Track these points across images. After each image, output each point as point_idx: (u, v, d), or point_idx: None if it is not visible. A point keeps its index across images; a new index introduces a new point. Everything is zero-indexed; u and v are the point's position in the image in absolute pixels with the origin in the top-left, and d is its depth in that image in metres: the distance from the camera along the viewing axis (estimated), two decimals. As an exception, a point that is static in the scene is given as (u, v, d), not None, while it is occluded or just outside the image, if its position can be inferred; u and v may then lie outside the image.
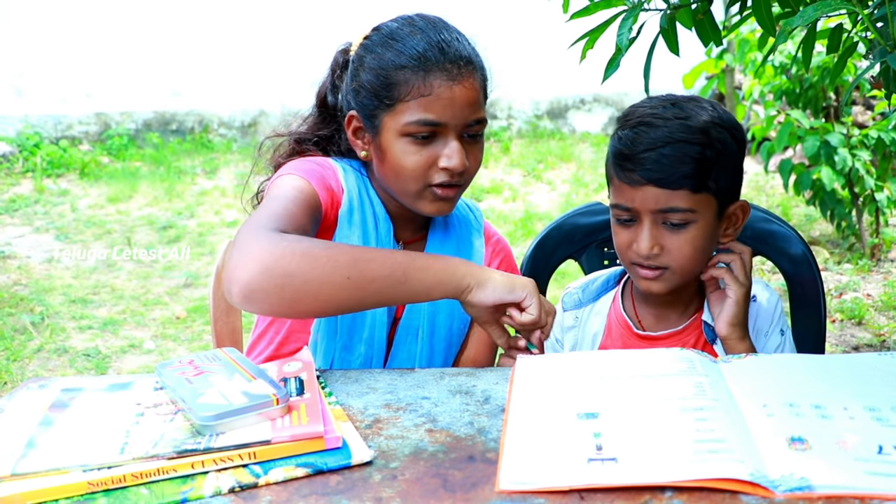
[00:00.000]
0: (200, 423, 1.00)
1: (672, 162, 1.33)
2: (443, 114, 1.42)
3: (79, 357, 3.86)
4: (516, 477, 0.94)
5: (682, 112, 1.37)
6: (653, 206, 1.36)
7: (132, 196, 6.41)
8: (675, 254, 1.38)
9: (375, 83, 1.45)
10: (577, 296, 1.60)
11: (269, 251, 1.20)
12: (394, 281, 1.25)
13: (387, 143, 1.46)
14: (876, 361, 1.25)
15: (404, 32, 1.46)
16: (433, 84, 1.41)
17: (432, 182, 1.46)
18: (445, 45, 1.44)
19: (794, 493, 0.90)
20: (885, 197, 4.51)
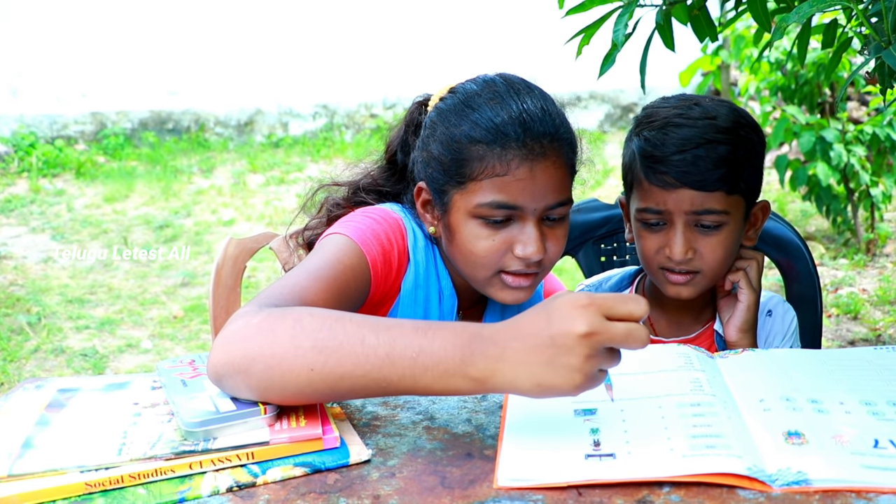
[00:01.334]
0: (185, 430, 1.00)
1: (707, 163, 1.30)
2: (520, 197, 1.27)
3: (76, 357, 3.86)
4: (514, 474, 0.95)
5: (708, 112, 1.34)
6: (688, 209, 1.32)
7: (128, 195, 6.41)
8: (708, 257, 1.35)
9: (446, 156, 1.32)
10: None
11: (237, 329, 1.02)
12: (370, 383, 0.97)
13: (456, 222, 1.33)
14: (871, 356, 1.25)
15: (482, 100, 1.32)
16: (510, 164, 1.26)
17: (506, 269, 1.32)
18: (528, 118, 1.28)
19: (792, 488, 0.90)
20: (880, 192, 4.52)
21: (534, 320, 0.94)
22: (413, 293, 1.39)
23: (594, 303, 0.92)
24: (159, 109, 7.65)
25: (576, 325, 0.90)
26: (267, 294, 1.12)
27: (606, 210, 1.78)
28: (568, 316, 0.91)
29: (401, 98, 7.53)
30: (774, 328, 1.48)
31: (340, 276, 1.24)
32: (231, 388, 1.03)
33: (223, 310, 1.75)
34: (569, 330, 0.90)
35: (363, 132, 7.80)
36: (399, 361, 0.95)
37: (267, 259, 4.45)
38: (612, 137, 7.43)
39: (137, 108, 7.63)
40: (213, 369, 1.03)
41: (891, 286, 4.24)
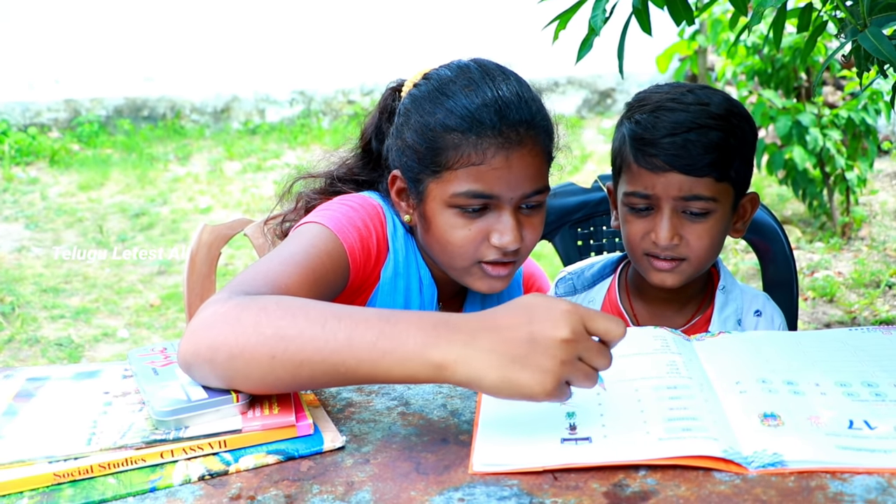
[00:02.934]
0: (156, 419, 0.98)
1: (698, 148, 1.28)
2: (496, 186, 1.25)
3: (51, 347, 3.82)
4: (489, 459, 0.94)
5: (701, 99, 1.33)
6: (675, 194, 1.31)
7: (104, 183, 6.34)
8: (694, 244, 1.34)
9: (420, 145, 1.29)
10: (571, 282, 1.54)
11: (204, 318, 1.00)
12: (329, 369, 0.94)
13: (432, 212, 1.30)
14: (846, 337, 1.26)
15: (457, 86, 1.29)
16: (486, 152, 1.24)
17: (483, 258, 1.30)
18: (503, 106, 1.25)
19: (767, 469, 0.90)
20: (855, 176, 4.55)
21: (513, 314, 0.92)
22: (392, 282, 1.37)
23: (578, 311, 0.91)
24: (134, 96, 7.58)
25: (559, 328, 0.89)
26: (239, 281, 1.09)
27: (583, 194, 1.77)
28: (552, 318, 0.89)
29: (378, 84, 7.49)
30: (761, 327, 1.47)
31: (316, 262, 1.21)
32: (199, 377, 1.02)
33: (198, 297, 1.73)
34: (551, 331, 0.89)
35: (340, 119, 7.76)
36: (358, 346, 0.93)
37: (244, 246, 4.42)
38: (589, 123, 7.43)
39: (112, 94, 7.55)
40: (181, 358, 1.02)
41: (866, 269, 4.28)
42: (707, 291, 1.49)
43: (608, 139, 6.94)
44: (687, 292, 1.46)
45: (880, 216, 5.06)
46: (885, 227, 4.90)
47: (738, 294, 1.48)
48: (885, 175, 5.72)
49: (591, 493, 0.87)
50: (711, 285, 1.50)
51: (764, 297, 1.50)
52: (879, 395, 1.06)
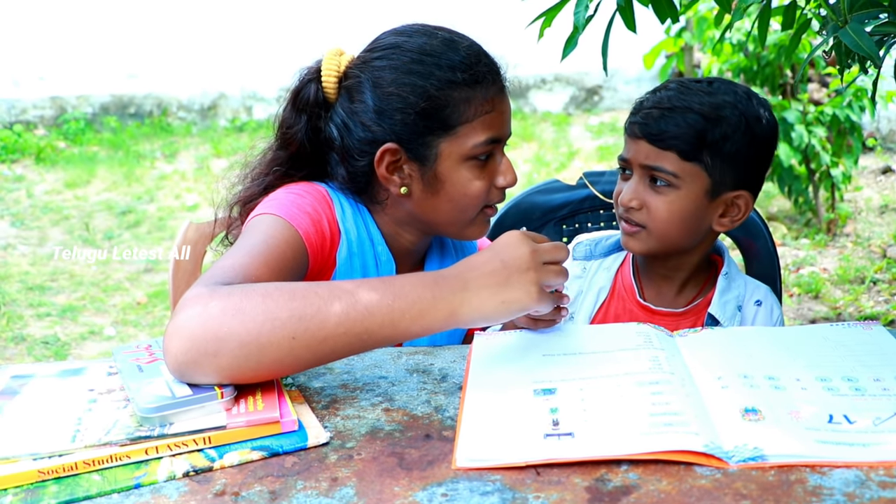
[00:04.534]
0: (140, 415, 0.98)
1: (668, 123, 1.38)
2: (503, 128, 1.34)
3: (37, 345, 3.81)
4: (472, 454, 0.94)
5: (711, 89, 1.41)
6: (643, 161, 1.41)
7: (90, 181, 6.32)
8: (654, 214, 1.41)
9: (426, 106, 1.30)
10: (588, 248, 1.61)
11: (197, 313, 1.00)
12: (352, 339, 1.02)
13: (446, 171, 1.33)
14: (828, 332, 1.27)
15: (437, 46, 1.32)
16: (493, 99, 1.32)
17: (490, 203, 1.38)
18: (484, 55, 1.34)
19: (748, 464, 0.91)
20: (840, 173, 4.58)
21: (483, 255, 1.09)
22: (348, 263, 1.38)
23: (525, 233, 1.11)
24: (121, 93, 7.55)
25: (521, 247, 1.08)
26: (209, 276, 1.10)
27: (568, 191, 1.78)
28: (512, 244, 1.09)
29: (366, 81, 7.50)
30: (759, 321, 1.50)
31: (277, 250, 1.22)
32: (197, 376, 1.01)
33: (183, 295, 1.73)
34: (515, 252, 1.08)
35: (328, 116, 7.75)
36: (377, 311, 1.02)
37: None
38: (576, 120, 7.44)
39: (98, 92, 7.52)
40: (174, 359, 1.00)
41: (850, 265, 4.30)
42: (710, 276, 1.54)
43: (595, 136, 6.95)
44: (684, 272, 1.52)
45: (865, 213, 5.09)
46: (870, 223, 4.93)
47: (741, 283, 1.53)
48: (869, 172, 5.75)
49: (574, 488, 0.88)
50: (715, 271, 1.54)
51: (766, 290, 1.55)
52: (859, 389, 1.07)
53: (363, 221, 1.41)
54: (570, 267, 1.55)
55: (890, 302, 3.93)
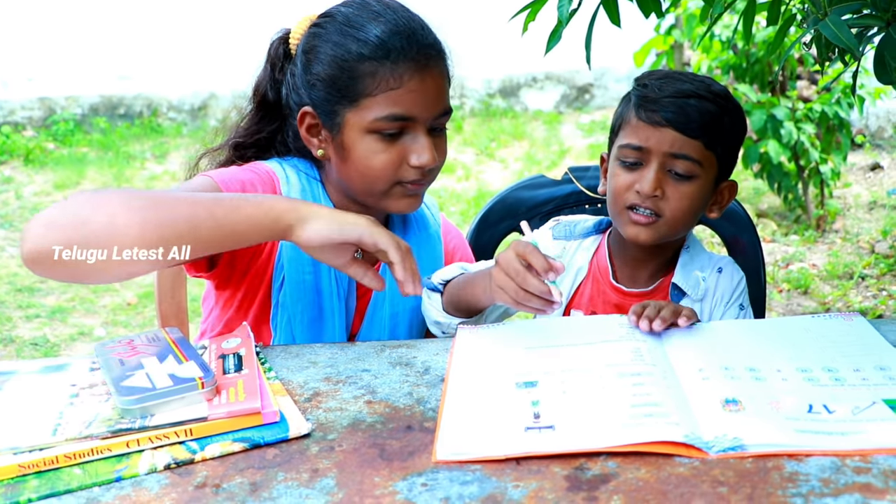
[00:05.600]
0: (122, 407, 0.98)
1: (695, 112, 1.39)
2: (413, 108, 1.32)
3: (26, 346, 3.79)
4: (453, 447, 0.95)
5: (705, 80, 1.45)
6: (667, 149, 1.39)
7: (80, 182, 6.29)
8: (673, 204, 1.41)
9: (336, 76, 1.33)
10: (567, 228, 1.60)
11: (59, 204, 1.11)
12: (198, 223, 1.13)
13: (350, 141, 1.35)
14: (809, 323, 1.28)
15: (363, 18, 1.34)
16: (402, 76, 1.31)
17: (403, 180, 1.37)
18: (411, 32, 1.33)
19: (728, 454, 0.91)
20: (829, 169, 4.59)
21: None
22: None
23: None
24: (110, 94, 7.52)
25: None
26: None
27: (553, 186, 1.79)
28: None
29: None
30: (721, 286, 1.51)
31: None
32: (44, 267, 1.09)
33: (168, 294, 1.73)
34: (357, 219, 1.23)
35: (319, 116, 7.75)
36: (226, 199, 1.19)
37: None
38: (567, 118, 7.45)
39: (87, 92, 7.49)
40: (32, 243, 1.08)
41: (839, 261, 4.32)
42: (676, 254, 1.54)
43: (586, 134, 6.96)
44: (662, 257, 1.53)
45: (854, 209, 5.11)
46: (859, 219, 4.95)
47: (704, 257, 1.54)
48: (858, 168, 5.78)
49: (553, 477, 0.89)
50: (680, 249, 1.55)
51: (728, 260, 1.56)
52: (839, 379, 1.08)
53: (311, 188, 1.45)
54: (551, 246, 1.57)
55: (878, 297, 3.95)
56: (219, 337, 1.24)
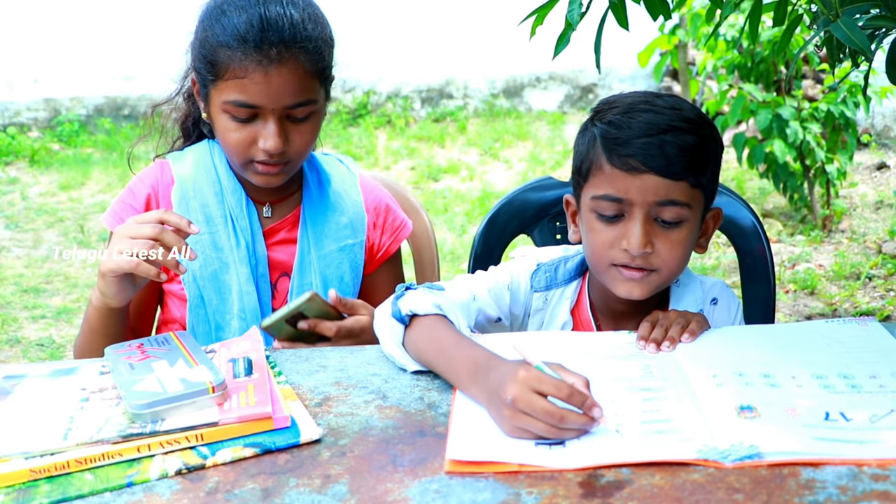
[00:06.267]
0: (132, 412, 0.98)
1: (674, 149, 1.22)
2: (257, 98, 1.39)
3: (32, 347, 3.79)
4: (464, 446, 0.94)
5: (672, 104, 1.28)
6: (651, 198, 1.24)
7: (85, 183, 6.30)
8: (666, 255, 1.27)
9: (204, 54, 1.43)
10: (549, 275, 1.44)
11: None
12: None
13: (214, 114, 1.46)
14: (823, 329, 1.27)
15: (233, 6, 1.42)
16: (248, 67, 1.37)
17: (254, 159, 1.44)
18: (266, 25, 1.38)
19: (744, 462, 0.90)
20: (835, 169, 4.57)
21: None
22: (184, 205, 1.52)
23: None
24: (115, 95, 7.52)
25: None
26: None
27: (561, 188, 1.78)
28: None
29: (359, 81, 7.47)
30: (718, 319, 1.41)
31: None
32: None
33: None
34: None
35: (323, 116, 7.75)
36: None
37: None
38: (571, 118, 7.43)
39: (92, 93, 7.49)
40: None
41: (846, 261, 4.30)
42: (665, 293, 1.43)
43: (590, 134, 6.93)
44: (649, 303, 1.37)
45: (860, 209, 5.09)
46: (865, 219, 4.93)
47: (694, 285, 1.43)
48: (864, 168, 5.76)
49: (567, 484, 0.88)
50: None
51: (721, 285, 1.46)
52: (855, 386, 1.07)
53: (209, 160, 1.56)
54: (531, 301, 1.43)
55: (885, 298, 3.93)
56: (229, 341, 1.24)
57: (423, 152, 6.44)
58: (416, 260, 1.85)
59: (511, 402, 0.98)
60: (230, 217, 1.52)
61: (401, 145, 6.58)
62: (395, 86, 7.38)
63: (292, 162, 1.47)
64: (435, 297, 1.23)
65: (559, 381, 1.00)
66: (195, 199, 1.52)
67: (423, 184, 5.87)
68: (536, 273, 1.44)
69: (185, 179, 1.54)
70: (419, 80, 7.37)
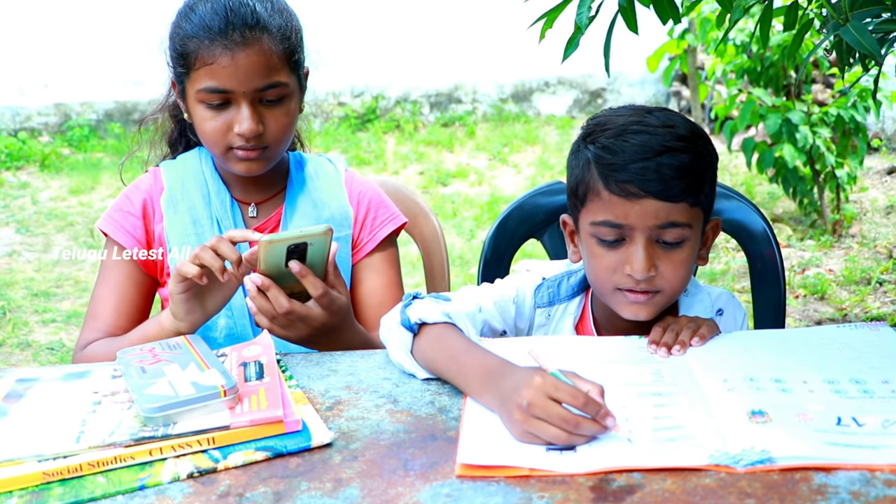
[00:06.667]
0: (144, 415, 0.98)
1: (671, 171, 1.21)
2: (227, 81, 1.43)
3: (42, 351, 3.81)
4: (477, 454, 0.94)
5: (665, 121, 1.27)
6: (652, 222, 1.23)
7: (94, 187, 6.32)
8: (669, 276, 1.26)
9: (175, 52, 1.49)
10: (551, 290, 1.44)
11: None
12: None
13: (191, 108, 1.50)
14: (834, 334, 1.26)
15: (199, 1, 1.47)
16: (215, 53, 1.42)
17: (232, 145, 1.47)
18: (229, 11, 1.44)
19: (756, 467, 0.90)
20: (845, 173, 4.56)
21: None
22: (172, 209, 1.56)
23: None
24: (125, 100, 7.55)
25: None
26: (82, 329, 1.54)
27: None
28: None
29: (368, 86, 7.49)
30: (726, 328, 1.37)
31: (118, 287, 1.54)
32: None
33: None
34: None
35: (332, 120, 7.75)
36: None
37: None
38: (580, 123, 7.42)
39: (102, 98, 7.52)
40: None
41: (856, 266, 4.29)
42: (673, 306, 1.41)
43: (599, 139, 6.93)
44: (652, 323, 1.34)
45: (870, 213, 5.07)
46: (876, 224, 4.91)
47: (704, 296, 1.43)
48: (874, 172, 5.73)
49: (578, 488, 0.88)
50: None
51: (727, 296, 1.45)
52: (867, 391, 1.07)
53: (196, 164, 1.61)
54: (535, 317, 1.43)
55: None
56: (240, 345, 1.24)
57: (431, 157, 6.44)
58: (426, 264, 1.85)
59: (526, 406, 0.98)
60: (216, 219, 1.55)
61: (409, 150, 6.58)
62: (404, 90, 7.39)
63: (271, 148, 1.50)
64: (443, 305, 1.23)
65: (575, 388, 1.00)
66: (183, 203, 1.57)
67: (431, 188, 5.87)
68: (539, 288, 1.44)
69: (174, 185, 1.58)
70: (428, 85, 7.38)
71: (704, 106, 6.16)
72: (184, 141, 1.68)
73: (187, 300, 1.33)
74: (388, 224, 1.64)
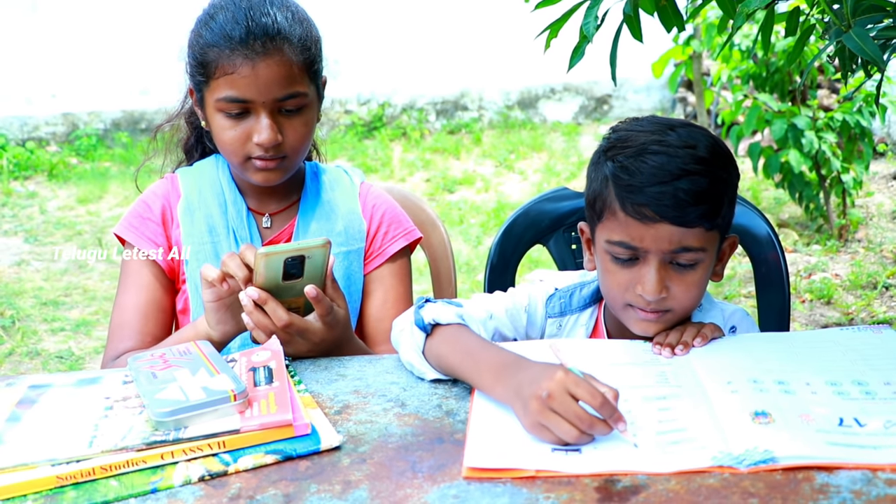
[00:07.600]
0: (156, 420, 1.00)
1: (688, 197, 1.20)
2: (247, 91, 1.43)
3: (51, 359, 3.83)
4: (482, 453, 0.96)
5: (686, 140, 1.25)
6: (666, 246, 1.23)
7: (102, 196, 6.35)
8: (681, 297, 1.27)
9: (195, 60, 1.49)
10: (563, 301, 1.44)
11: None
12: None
13: (209, 116, 1.50)
14: (837, 337, 1.27)
15: (217, 8, 1.47)
16: (235, 62, 1.42)
17: (251, 155, 1.48)
18: (250, 20, 1.43)
19: (759, 467, 0.91)
20: (851, 178, 4.56)
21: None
22: (189, 217, 1.57)
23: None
24: (132, 109, 7.59)
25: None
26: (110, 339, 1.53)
27: (576, 199, 1.79)
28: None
29: (374, 94, 7.52)
30: None
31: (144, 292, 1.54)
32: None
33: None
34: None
35: (338, 128, 7.78)
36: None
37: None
38: (586, 129, 7.44)
39: (109, 108, 7.56)
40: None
41: (862, 271, 4.29)
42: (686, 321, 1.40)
43: (605, 145, 6.93)
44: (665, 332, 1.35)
45: (877, 218, 5.07)
46: (882, 228, 4.91)
47: (717, 312, 1.43)
48: (880, 177, 5.73)
49: (584, 489, 0.89)
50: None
51: (741, 313, 1.45)
52: (869, 393, 1.08)
53: (214, 172, 1.62)
54: (547, 325, 1.43)
55: (902, 307, 3.92)
56: (249, 350, 1.26)
57: (438, 164, 6.46)
58: (433, 271, 1.86)
59: (546, 396, 1.00)
60: (232, 229, 1.57)
61: (416, 157, 6.60)
62: (410, 98, 7.41)
63: (289, 158, 1.50)
64: (456, 309, 1.26)
65: (594, 388, 1.01)
66: (199, 211, 1.58)
67: (438, 195, 5.89)
68: (551, 299, 1.44)
69: (191, 193, 1.59)
70: (434, 92, 7.40)
71: (710, 111, 6.17)
72: (200, 148, 1.69)
73: (218, 310, 1.34)
74: (400, 239, 1.64)
